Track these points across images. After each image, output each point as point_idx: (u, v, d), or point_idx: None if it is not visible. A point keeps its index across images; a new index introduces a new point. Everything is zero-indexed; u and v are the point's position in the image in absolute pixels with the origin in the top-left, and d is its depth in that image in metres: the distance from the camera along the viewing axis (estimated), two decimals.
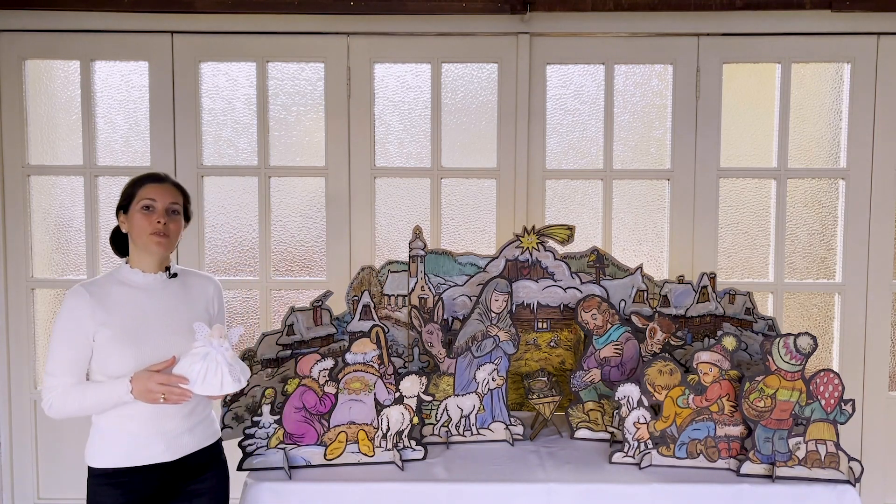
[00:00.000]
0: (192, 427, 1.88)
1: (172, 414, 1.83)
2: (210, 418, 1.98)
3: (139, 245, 1.84)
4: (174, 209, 1.86)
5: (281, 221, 2.99)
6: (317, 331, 2.44)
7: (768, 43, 2.89)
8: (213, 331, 1.70)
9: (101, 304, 1.79)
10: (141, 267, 1.86)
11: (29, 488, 3.01)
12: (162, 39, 2.88)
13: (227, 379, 1.70)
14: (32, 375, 2.97)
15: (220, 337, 1.70)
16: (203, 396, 1.84)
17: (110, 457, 1.80)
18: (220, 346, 1.70)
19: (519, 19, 2.83)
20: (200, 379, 1.68)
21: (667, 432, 2.15)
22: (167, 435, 1.82)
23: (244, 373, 1.76)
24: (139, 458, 1.80)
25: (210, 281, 2.01)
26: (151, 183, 1.86)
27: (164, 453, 1.82)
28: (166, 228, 1.82)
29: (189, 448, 1.88)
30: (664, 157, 2.96)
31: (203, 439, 1.92)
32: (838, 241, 2.97)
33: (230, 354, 1.72)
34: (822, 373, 2.09)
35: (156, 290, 1.85)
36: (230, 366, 1.71)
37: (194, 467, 1.90)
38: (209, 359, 1.69)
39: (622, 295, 2.56)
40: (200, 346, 1.70)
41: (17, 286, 2.95)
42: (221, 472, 1.99)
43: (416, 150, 2.97)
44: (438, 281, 2.53)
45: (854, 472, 2.07)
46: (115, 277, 1.85)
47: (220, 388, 1.70)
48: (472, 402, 2.37)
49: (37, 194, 2.97)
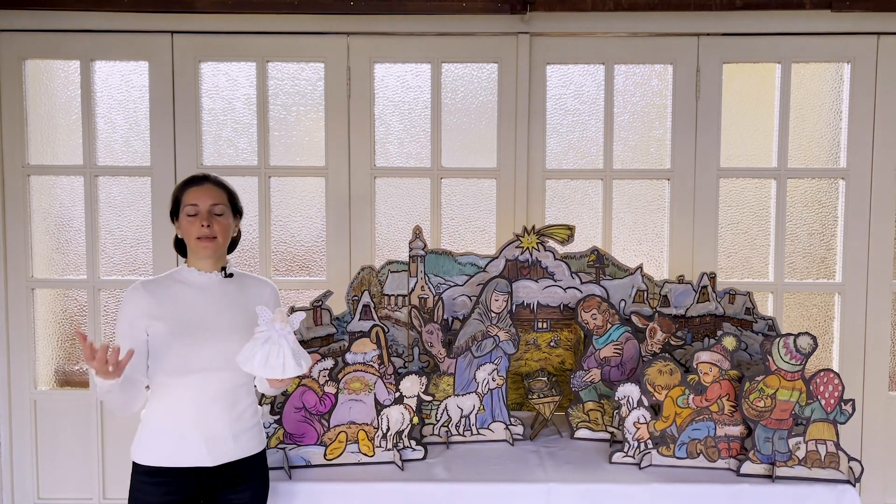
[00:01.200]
0: (237, 433, 1.86)
1: (217, 416, 1.82)
2: (258, 427, 1.95)
3: (190, 248, 1.88)
4: (217, 211, 1.87)
5: (281, 221, 2.99)
6: (317, 331, 2.44)
7: (768, 43, 2.89)
8: (275, 314, 1.71)
9: (157, 299, 1.82)
10: (198, 266, 1.88)
11: (29, 488, 3.01)
12: (162, 39, 2.88)
13: (289, 362, 1.69)
14: (32, 375, 2.97)
15: (282, 321, 1.71)
16: (251, 403, 1.90)
17: (152, 455, 1.81)
18: (281, 330, 1.70)
19: (519, 19, 2.83)
20: (263, 361, 1.68)
21: (667, 432, 2.15)
22: (210, 438, 1.81)
23: (305, 359, 1.76)
24: (180, 459, 1.80)
25: (267, 285, 2.00)
26: (193, 186, 1.88)
27: (205, 457, 1.81)
28: (211, 231, 1.83)
29: (231, 455, 1.85)
30: (664, 157, 2.96)
31: (248, 448, 1.89)
32: (838, 241, 2.97)
33: (292, 339, 1.72)
34: (822, 373, 2.09)
35: (212, 289, 1.88)
36: (293, 350, 1.71)
37: (234, 477, 1.87)
38: (271, 342, 1.69)
39: (622, 295, 2.56)
40: (262, 329, 1.71)
41: (17, 286, 2.94)
42: (261, 485, 1.94)
43: (416, 150, 2.97)
44: (438, 281, 2.53)
45: (854, 472, 2.07)
46: (173, 276, 1.89)
47: (282, 370, 1.69)
48: (472, 402, 2.37)
49: (37, 194, 2.97)
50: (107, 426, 2.97)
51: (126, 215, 2.98)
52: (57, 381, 3.05)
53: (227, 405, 1.84)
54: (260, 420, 1.97)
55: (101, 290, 2.95)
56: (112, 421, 2.96)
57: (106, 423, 2.97)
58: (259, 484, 1.94)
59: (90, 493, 3.01)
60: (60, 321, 3.03)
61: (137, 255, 2.98)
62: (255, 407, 1.94)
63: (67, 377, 3.05)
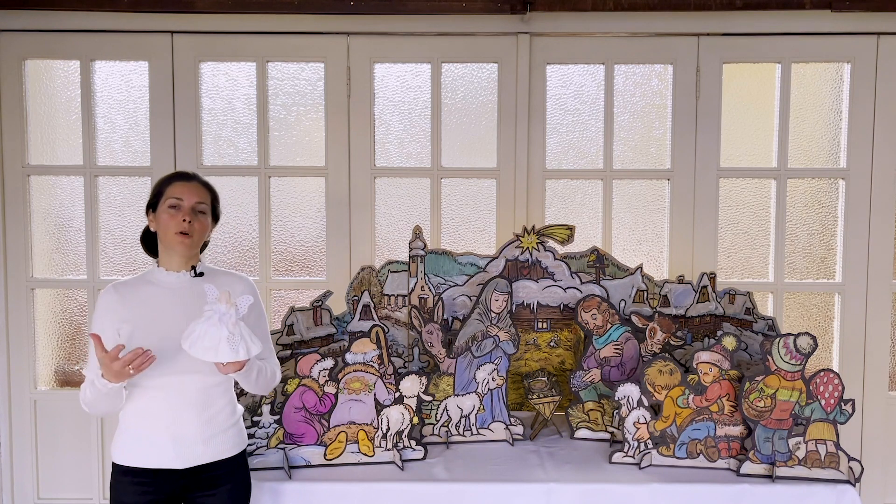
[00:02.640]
0: (207, 438, 1.83)
1: (187, 419, 1.80)
2: (236, 428, 1.91)
3: (165, 243, 1.86)
4: (200, 209, 1.87)
5: (281, 221, 2.99)
6: (317, 331, 2.44)
7: (768, 43, 2.89)
8: (220, 295, 1.64)
9: (126, 302, 1.82)
10: (167, 266, 1.87)
11: (29, 488, 3.01)
12: (162, 39, 2.88)
13: (223, 346, 1.61)
14: (32, 375, 2.97)
15: (227, 303, 1.63)
16: (227, 404, 1.87)
17: (127, 455, 1.81)
18: (224, 313, 1.62)
19: (519, 19, 2.83)
20: (195, 341, 1.61)
21: (667, 432, 2.15)
22: (178, 440, 1.80)
23: (246, 347, 1.66)
24: (150, 460, 1.80)
25: (241, 280, 1.96)
26: (179, 181, 1.88)
27: (173, 460, 1.80)
28: (190, 227, 1.83)
29: (200, 459, 1.83)
30: (664, 157, 2.96)
31: (220, 451, 1.86)
32: (838, 241, 2.97)
33: (233, 322, 1.63)
34: (821, 373, 2.09)
35: (181, 289, 1.86)
36: (230, 334, 1.62)
37: (207, 479, 1.85)
38: (210, 323, 1.62)
39: (622, 295, 2.56)
40: (207, 309, 1.65)
41: (17, 286, 2.94)
42: (238, 488, 1.90)
43: (416, 149, 2.97)
44: (438, 281, 2.53)
45: (854, 472, 2.07)
46: (145, 278, 1.88)
47: (214, 354, 1.62)
48: (472, 402, 2.37)
49: (37, 194, 2.97)
50: (107, 426, 2.97)
51: (126, 215, 2.98)
52: (57, 381, 3.05)
53: (198, 408, 1.81)
54: (239, 421, 1.93)
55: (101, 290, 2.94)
56: (112, 421, 2.96)
57: (106, 423, 2.97)
58: (235, 486, 1.89)
59: (90, 493, 3.01)
60: (60, 321, 3.03)
61: (137, 255, 2.98)
62: (233, 408, 1.91)
63: (67, 377, 3.05)
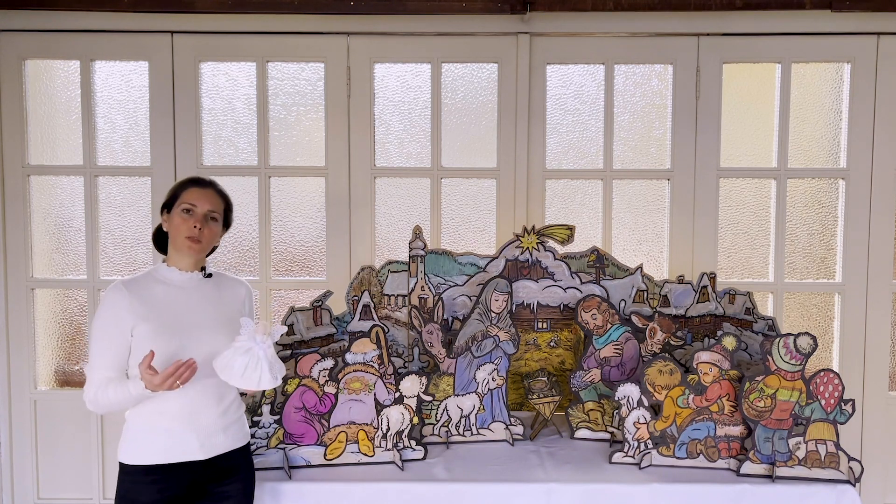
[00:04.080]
0: (225, 426, 1.90)
1: (206, 411, 1.86)
2: (242, 420, 1.99)
3: (175, 245, 1.90)
4: (213, 216, 1.92)
5: (281, 221, 2.99)
6: (317, 331, 2.44)
7: (768, 43, 2.89)
8: (257, 327, 1.74)
9: (140, 299, 1.83)
10: (178, 266, 1.91)
11: (29, 488, 3.01)
12: (162, 39, 2.88)
13: (265, 375, 1.74)
14: (32, 375, 2.97)
15: (264, 333, 1.75)
16: (236, 397, 1.93)
17: (145, 453, 1.82)
18: (262, 343, 1.74)
19: (519, 19, 2.83)
20: (240, 372, 1.73)
21: (667, 432, 2.15)
22: (201, 432, 1.85)
23: (281, 371, 1.81)
24: (173, 454, 1.82)
25: (242, 285, 2.05)
26: (196, 187, 1.92)
27: (197, 451, 1.84)
28: (200, 234, 1.87)
29: (222, 448, 1.89)
30: (664, 157, 2.96)
31: (236, 440, 1.93)
32: (838, 241, 2.97)
33: (271, 352, 1.76)
34: (822, 373, 2.09)
35: (191, 288, 1.91)
36: (270, 363, 1.75)
37: (225, 469, 1.91)
38: (251, 354, 1.73)
39: (622, 295, 2.56)
40: (244, 340, 1.74)
41: (17, 286, 2.94)
42: (249, 476, 1.99)
43: (416, 149, 2.97)
44: (438, 281, 2.53)
45: (854, 472, 2.07)
46: (152, 276, 1.90)
47: (258, 383, 1.74)
48: (472, 402, 2.37)
49: (37, 194, 2.97)
50: (107, 426, 2.97)
51: (126, 215, 2.98)
52: (57, 381, 3.05)
53: (215, 399, 1.87)
54: (243, 413, 2.01)
55: (101, 290, 2.95)
56: (112, 421, 2.96)
57: (106, 423, 2.97)
58: (247, 475, 1.98)
59: (90, 493, 3.01)
60: (60, 321, 3.03)
61: (137, 255, 2.98)
62: (239, 401, 1.98)
63: (67, 377, 3.05)
